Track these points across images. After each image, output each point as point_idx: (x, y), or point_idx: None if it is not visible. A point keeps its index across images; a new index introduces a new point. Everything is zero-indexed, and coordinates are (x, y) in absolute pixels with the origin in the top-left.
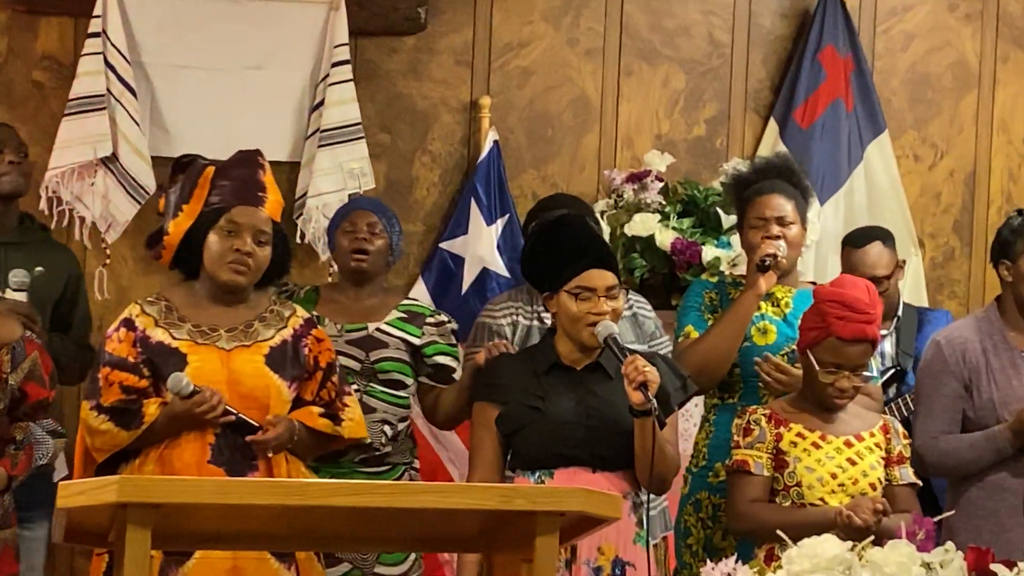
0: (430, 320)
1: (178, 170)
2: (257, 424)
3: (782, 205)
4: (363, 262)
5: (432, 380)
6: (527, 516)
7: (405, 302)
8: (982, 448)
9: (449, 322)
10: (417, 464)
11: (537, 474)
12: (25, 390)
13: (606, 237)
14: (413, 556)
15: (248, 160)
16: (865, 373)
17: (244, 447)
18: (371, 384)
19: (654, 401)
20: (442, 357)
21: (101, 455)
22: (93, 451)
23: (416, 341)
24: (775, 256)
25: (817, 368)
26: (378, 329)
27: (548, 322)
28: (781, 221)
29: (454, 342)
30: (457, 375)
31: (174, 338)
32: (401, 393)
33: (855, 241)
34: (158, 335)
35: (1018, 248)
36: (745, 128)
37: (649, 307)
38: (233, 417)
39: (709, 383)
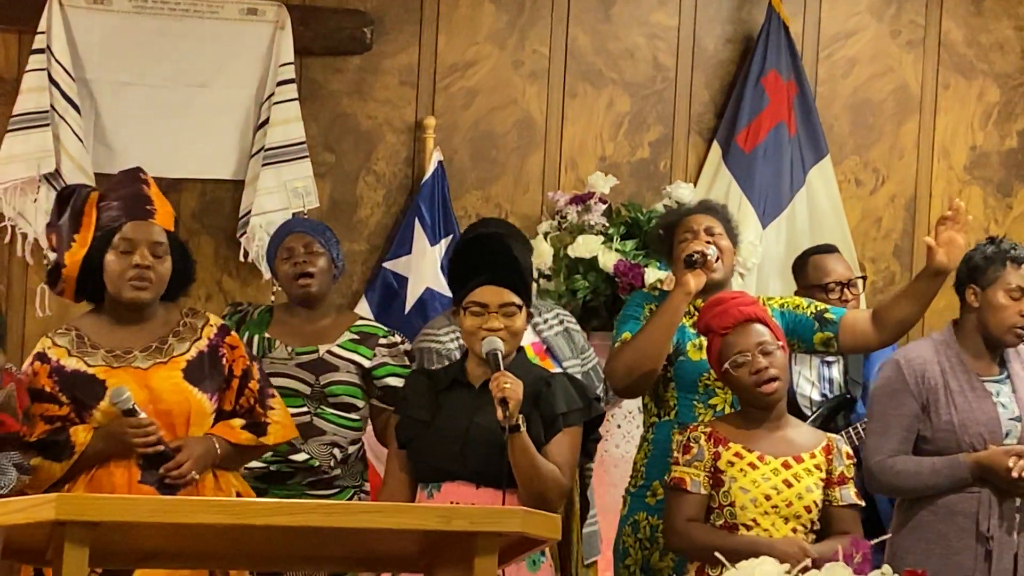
0: (383, 341)
1: (62, 202)
2: (173, 451)
3: (710, 221)
4: (309, 286)
5: (382, 402)
6: (467, 536)
7: (359, 323)
8: (943, 474)
9: (402, 343)
10: (367, 487)
11: (429, 487)
12: None
13: (548, 259)
14: None
15: (131, 178)
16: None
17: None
18: (321, 407)
19: (515, 417)
20: (392, 379)
21: (37, 492)
22: (28, 489)
23: (367, 363)
24: (703, 254)
25: (733, 372)
26: (329, 352)
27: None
28: (709, 231)
29: (406, 363)
30: None
31: (89, 365)
32: (353, 416)
33: (821, 249)
34: (72, 364)
35: (989, 276)
36: (688, 151)
37: (575, 322)
38: (162, 448)
39: (642, 382)
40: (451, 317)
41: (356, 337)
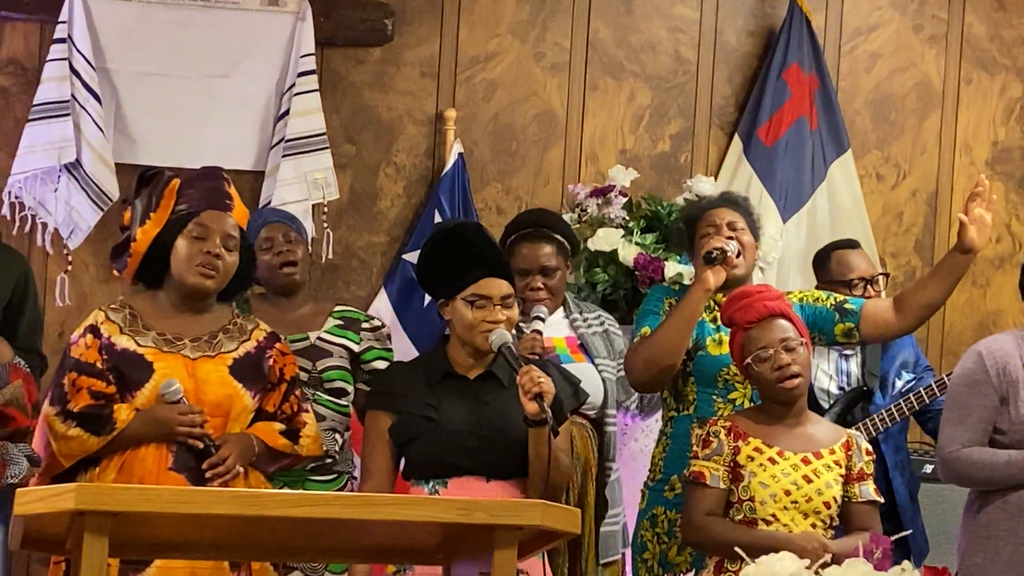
0: (366, 325)
1: (143, 182)
2: (215, 445)
3: (732, 215)
4: (294, 274)
5: (369, 386)
6: (486, 529)
7: (338, 308)
8: (1018, 467)
9: (383, 326)
10: (357, 473)
11: (431, 483)
12: (5, 414)
13: None
14: None
15: (212, 174)
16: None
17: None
18: (318, 393)
19: (549, 412)
20: (379, 362)
21: (69, 460)
22: (60, 457)
23: (355, 348)
24: (723, 250)
25: (756, 367)
26: (319, 338)
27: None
28: (732, 226)
29: (389, 346)
30: None
31: (139, 345)
32: (343, 401)
33: (845, 244)
34: (123, 342)
35: None
36: (709, 144)
37: (618, 326)
38: (201, 444)
39: (660, 377)
40: None
41: (341, 323)
